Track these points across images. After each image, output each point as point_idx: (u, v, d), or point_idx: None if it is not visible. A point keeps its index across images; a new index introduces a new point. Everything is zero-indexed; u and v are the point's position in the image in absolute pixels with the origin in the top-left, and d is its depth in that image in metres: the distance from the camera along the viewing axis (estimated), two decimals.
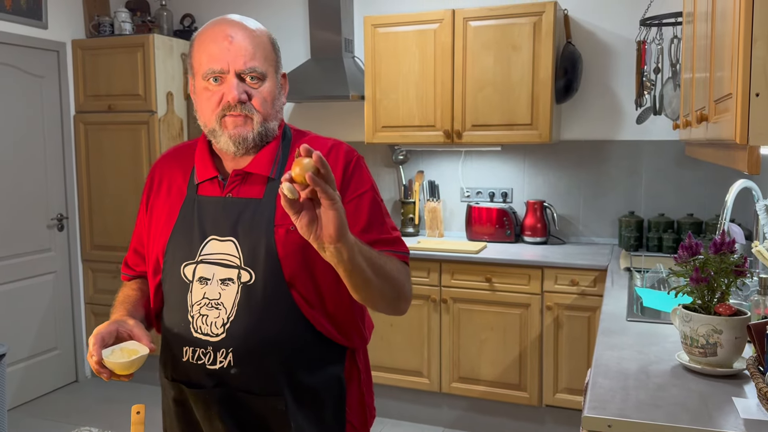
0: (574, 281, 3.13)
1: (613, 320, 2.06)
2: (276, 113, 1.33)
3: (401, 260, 1.31)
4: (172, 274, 1.33)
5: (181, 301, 1.32)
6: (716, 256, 1.57)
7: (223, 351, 1.26)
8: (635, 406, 1.41)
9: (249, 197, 1.30)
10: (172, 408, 1.38)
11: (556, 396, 3.21)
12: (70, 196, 4.12)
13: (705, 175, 3.39)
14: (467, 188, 3.87)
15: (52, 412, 3.75)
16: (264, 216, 1.28)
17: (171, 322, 1.35)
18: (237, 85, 1.26)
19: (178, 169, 1.41)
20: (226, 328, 1.26)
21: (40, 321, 3.96)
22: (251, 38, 1.28)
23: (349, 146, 1.38)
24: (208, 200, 1.33)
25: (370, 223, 1.30)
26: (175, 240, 1.34)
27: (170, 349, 1.35)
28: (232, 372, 1.26)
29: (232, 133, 1.28)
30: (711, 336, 1.54)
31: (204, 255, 1.30)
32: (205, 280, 1.29)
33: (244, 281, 1.26)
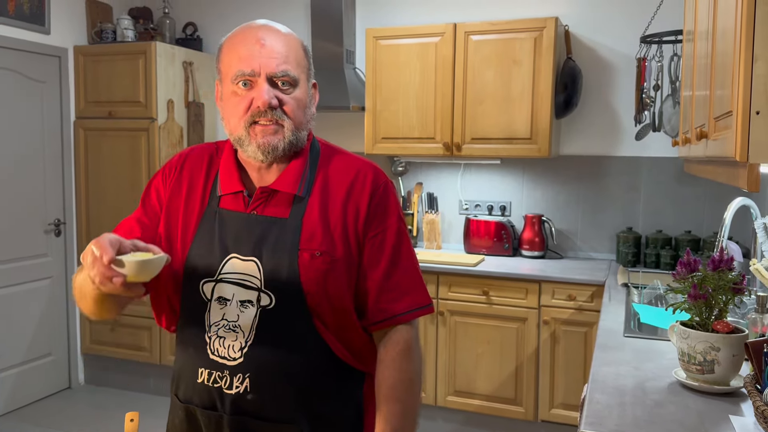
0: (572, 296, 3.12)
1: (610, 336, 2.06)
2: (307, 122, 1.27)
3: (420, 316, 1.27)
4: (192, 289, 1.27)
5: (198, 320, 1.26)
6: (714, 273, 1.57)
7: (240, 376, 1.22)
8: (632, 422, 1.40)
9: (274, 216, 1.24)
10: (179, 428, 1.32)
11: (552, 411, 3.20)
12: (68, 202, 4.11)
13: (703, 192, 3.40)
14: (466, 201, 3.87)
15: (45, 419, 3.72)
16: (288, 237, 1.22)
17: (187, 340, 1.30)
18: (268, 89, 1.20)
19: (201, 172, 1.33)
20: (243, 352, 1.22)
21: (35, 326, 3.93)
22: (284, 41, 1.23)
23: (377, 170, 1.31)
24: (230, 215, 1.27)
25: (391, 265, 1.26)
26: (194, 254, 1.27)
27: (185, 367, 1.30)
28: (248, 398, 1.22)
29: (261, 142, 1.21)
30: (708, 353, 1.54)
31: (224, 274, 1.24)
32: (224, 300, 1.24)
33: (264, 305, 1.22)
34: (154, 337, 3.93)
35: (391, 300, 1.25)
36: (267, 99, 1.19)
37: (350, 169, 1.29)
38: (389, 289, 1.25)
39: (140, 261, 1.05)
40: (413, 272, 1.28)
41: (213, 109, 4.32)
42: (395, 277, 1.25)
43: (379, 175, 1.30)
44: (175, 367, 1.34)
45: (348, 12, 3.88)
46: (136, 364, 4.02)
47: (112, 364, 4.11)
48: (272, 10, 4.18)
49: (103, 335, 4.10)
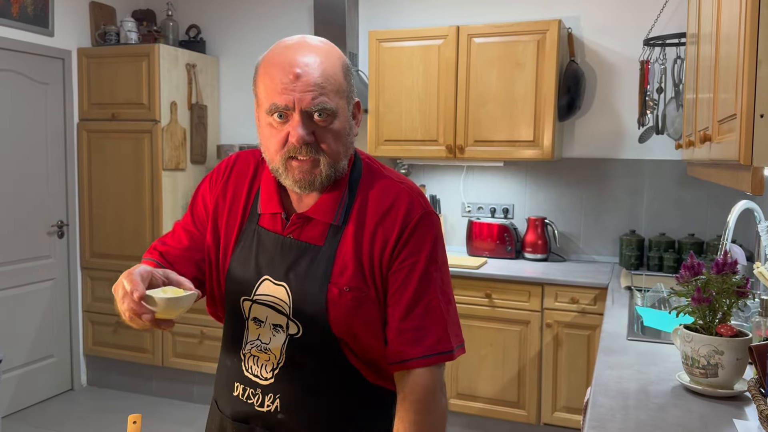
0: (575, 299, 3.12)
1: (613, 339, 2.05)
2: (347, 151, 1.19)
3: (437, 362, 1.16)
4: (233, 304, 1.27)
5: (237, 336, 1.27)
6: (718, 276, 1.56)
7: (271, 396, 1.23)
8: (635, 426, 1.39)
9: (309, 242, 1.21)
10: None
11: (555, 414, 3.19)
12: (71, 203, 4.12)
13: (707, 195, 3.39)
14: (468, 203, 3.87)
15: (47, 421, 3.73)
16: (321, 267, 1.19)
17: (227, 353, 1.31)
18: (302, 125, 1.12)
19: (245, 183, 1.29)
20: (275, 373, 1.23)
21: (38, 328, 3.94)
22: (321, 70, 1.13)
23: (413, 200, 1.21)
24: (268, 235, 1.24)
25: (412, 304, 1.17)
26: (234, 268, 1.26)
27: (224, 378, 1.31)
28: (279, 417, 1.23)
29: (298, 177, 1.16)
30: (712, 357, 1.53)
31: (258, 295, 1.23)
32: (259, 321, 1.24)
33: (291, 333, 1.21)
34: (156, 339, 3.93)
35: (406, 342, 1.17)
36: (302, 136, 1.12)
37: (387, 197, 1.21)
38: (406, 330, 1.17)
39: (171, 299, 1.05)
40: (438, 314, 1.17)
41: (216, 111, 4.32)
42: (415, 319, 1.17)
43: (415, 206, 1.20)
44: (218, 375, 1.35)
45: (351, 14, 3.88)
46: (138, 366, 4.02)
47: (115, 366, 4.11)
48: (275, 12, 4.19)
49: (106, 337, 4.10)
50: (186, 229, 1.33)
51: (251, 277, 1.23)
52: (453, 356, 1.18)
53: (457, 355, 1.19)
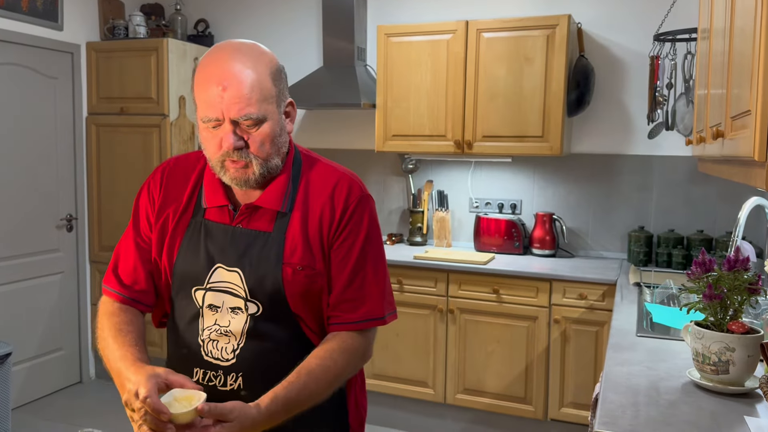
0: (583, 295, 3.11)
1: (622, 336, 2.05)
2: (278, 149, 1.29)
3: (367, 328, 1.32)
4: (184, 296, 1.35)
5: (193, 325, 1.34)
6: (730, 273, 1.55)
7: (233, 375, 1.30)
8: (646, 422, 1.39)
9: (258, 230, 1.31)
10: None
11: (562, 410, 3.19)
12: (80, 197, 4.14)
13: (716, 191, 3.38)
14: (476, 199, 3.86)
15: (56, 413, 3.75)
16: (272, 251, 1.29)
17: (181, 342, 1.37)
18: (232, 134, 1.22)
19: (184, 184, 1.38)
20: (236, 354, 1.30)
21: (46, 321, 3.96)
22: (246, 82, 1.21)
23: (353, 184, 1.36)
24: (216, 227, 1.33)
25: (350, 280, 1.31)
26: (182, 263, 1.33)
27: (180, 367, 1.34)
28: (242, 394, 1.29)
29: (234, 176, 1.27)
30: (723, 354, 1.53)
31: (212, 283, 1.31)
32: (215, 307, 1.31)
33: (251, 312, 1.29)
34: (163, 332, 3.93)
35: (345, 310, 1.31)
36: (231, 144, 1.22)
37: (329, 182, 1.34)
38: (346, 300, 1.30)
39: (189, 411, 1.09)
40: (372, 286, 1.32)
41: None
42: (353, 290, 1.31)
43: (354, 189, 1.34)
44: (169, 364, 1.40)
45: (359, 9, 3.87)
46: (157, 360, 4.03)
47: None
48: (284, 7, 4.18)
49: None
50: (137, 246, 1.41)
51: (202, 267, 1.31)
52: (384, 322, 1.34)
53: (389, 321, 1.35)
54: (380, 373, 3.52)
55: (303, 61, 4.10)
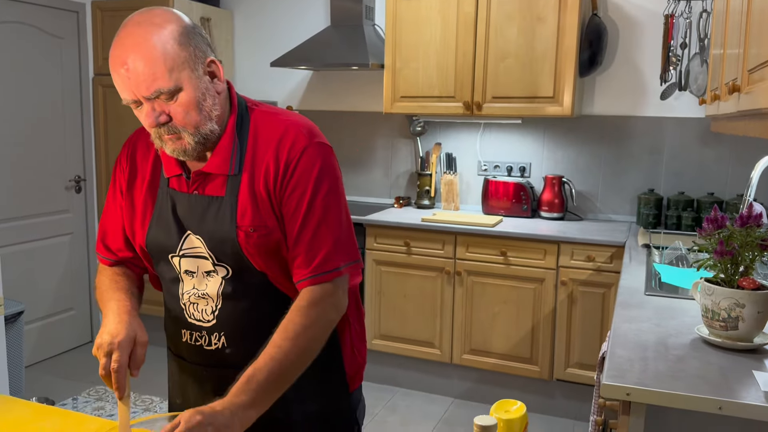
0: (591, 257, 3.11)
1: (630, 294, 2.05)
2: (209, 114, 1.23)
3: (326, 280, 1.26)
4: (163, 263, 1.36)
5: (174, 289, 1.37)
6: (742, 229, 1.54)
7: (216, 334, 1.33)
8: (654, 376, 1.40)
9: (212, 195, 1.29)
10: (175, 377, 1.47)
11: (567, 371, 3.21)
12: (88, 158, 4.14)
13: (728, 153, 3.34)
14: (485, 162, 3.84)
15: (68, 371, 3.82)
16: (227, 215, 1.27)
17: (168, 306, 1.42)
18: (150, 112, 1.19)
19: (146, 156, 1.37)
20: (215, 315, 1.33)
21: (57, 281, 4.00)
22: (147, 57, 1.15)
23: (301, 132, 1.28)
24: (179, 195, 1.32)
25: (300, 234, 1.26)
26: (155, 233, 1.34)
27: (171, 327, 1.43)
28: (227, 352, 1.33)
29: (171, 149, 1.24)
30: (733, 310, 1.52)
31: (185, 249, 1.32)
32: (191, 273, 1.33)
33: (223, 275, 1.30)
34: None
35: (300, 264, 1.27)
36: (152, 122, 1.19)
37: (274, 136, 1.28)
38: (298, 254, 1.27)
39: None
40: (324, 238, 1.26)
41: (230, 66, 4.29)
42: (303, 244, 1.26)
43: (300, 138, 1.27)
44: (165, 325, 1.45)
45: None
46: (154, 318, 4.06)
47: None
48: None
49: None
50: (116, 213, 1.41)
51: (174, 234, 1.32)
52: (341, 273, 1.27)
53: (346, 272, 1.29)
54: (387, 334, 3.55)
55: (309, 21, 4.05)
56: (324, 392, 1.42)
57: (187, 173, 1.31)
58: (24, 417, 1.40)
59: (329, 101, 4.13)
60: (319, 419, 1.42)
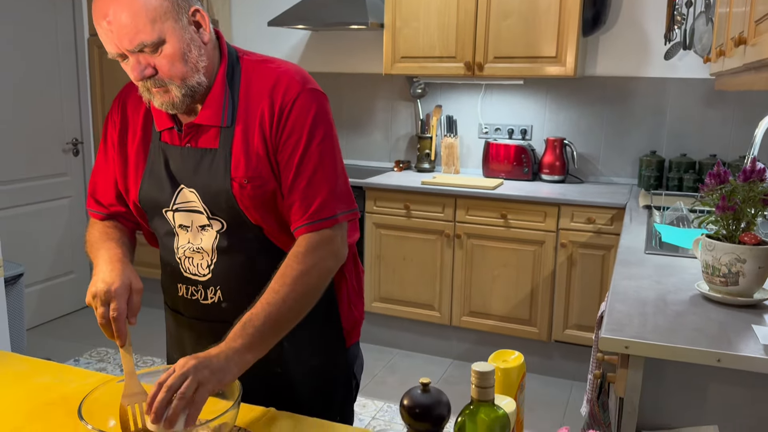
0: (591, 219, 3.10)
1: (630, 253, 2.04)
2: (195, 66, 1.20)
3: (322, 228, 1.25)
4: (158, 217, 1.35)
5: (169, 244, 1.36)
6: (745, 184, 1.52)
7: (212, 289, 1.33)
8: (653, 330, 1.40)
9: (205, 147, 1.27)
10: (172, 332, 1.47)
11: (566, 332, 3.23)
12: (85, 121, 4.10)
13: (732, 114, 3.30)
14: (486, 124, 3.80)
15: (69, 333, 3.84)
16: (220, 167, 1.25)
17: (164, 261, 1.41)
18: (136, 65, 1.16)
19: (141, 109, 1.35)
20: (211, 269, 1.32)
21: (57, 245, 4.00)
22: (128, 9, 1.11)
23: (294, 79, 1.26)
24: (171, 149, 1.30)
25: (296, 181, 1.24)
26: (148, 188, 1.32)
27: (167, 282, 1.42)
28: (223, 306, 1.33)
29: (159, 102, 1.22)
30: (734, 265, 1.51)
31: (178, 203, 1.31)
32: (185, 227, 1.32)
33: (218, 229, 1.29)
34: None
35: (295, 212, 1.26)
36: (137, 75, 1.17)
37: (266, 85, 1.26)
38: (293, 202, 1.26)
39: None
40: (319, 186, 1.25)
41: (227, 26, 4.22)
42: (298, 192, 1.24)
43: (293, 84, 1.25)
44: (162, 279, 1.45)
45: None
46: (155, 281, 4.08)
47: None
48: None
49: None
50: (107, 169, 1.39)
51: (168, 188, 1.30)
52: (338, 220, 1.26)
53: (343, 220, 1.28)
54: (387, 297, 3.56)
55: None
56: (321, 346, 1.42)
57: (178, 126, 1.29)
58: (23, 371, 1.41)
59: (328, 62, 4.07)
60: (317, 373, 1.42)
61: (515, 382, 1.08)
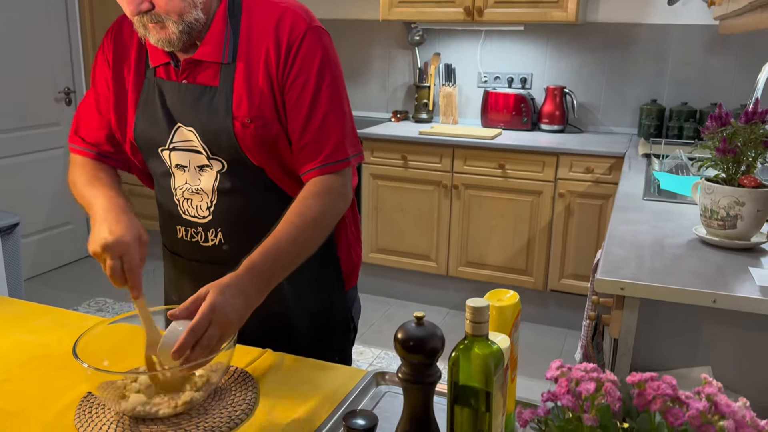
0: (589, 169, 3.07)
1: (629, 199, 2.03)
2: (193, 1, 1.16)
3: (335, 170, 1.23)
4: (154, 157, 1.31)
5: (166, 185, 1.33)
6: (746, 126, 1.50)
7: (212, 231, 1.30)
8: (650, 272, 1.39)
9: (204, 84, 1.23)
10: (171, 275, 1.45)
11: (562, 281, 3.25)
12: (77, 70, 4.02)
13: (734, 61, 3.25)
14: (485, 73, 3.74)
15: (67, 284, 3.86)
16: (221, 106, 1.22)
17: (162, 202, 1.37)
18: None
19: (130, 45, 1.30)
20: (211, 211, 1.29)
21: (53, 196, 3.98)
22: None
23: (299, 15, 1.22)
24: (167, 85, 1.26)
25: (307, 122, 1.22)
26: (143, 124, 1.28)
27: (166, 224, 1.39)
28: (224, 248, 1.31)
29: (155, 39, 1.17)
30: (732, 208, 1.50)
31: (175, 142, 1.27)
32: (182, 167, 1.28)
33: (218, 170, 1.26)
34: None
35: (307, 155, 1.23)
36: (133, 9, 1.13)
37: (270, 21, 1.21)
38: (305, 144, 1.23)
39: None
40: (332, 127, 1.23)
41: None
42: (311, 133, 1.22)
43: (299, 21, 1.21)
44: (160, 222, 1.42)
45: None
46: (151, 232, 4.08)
47: None
48: None
49: None
50: (97, 107, 1.35)
51: (163, 126, 1.26)
52: (349, 163, 1.26)
53: (354, 163, 1.27)
54: (384, 248, 3.57)
55: None
56: (320, 288, 1.42)
57: (175, 62, 1.25)
58: (20, 314, 1.41)
59: (322, 8, 3.97)
60: (316, 315, 1.42)
61: (510, 321, 1.08)
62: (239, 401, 1.06)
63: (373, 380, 1.12)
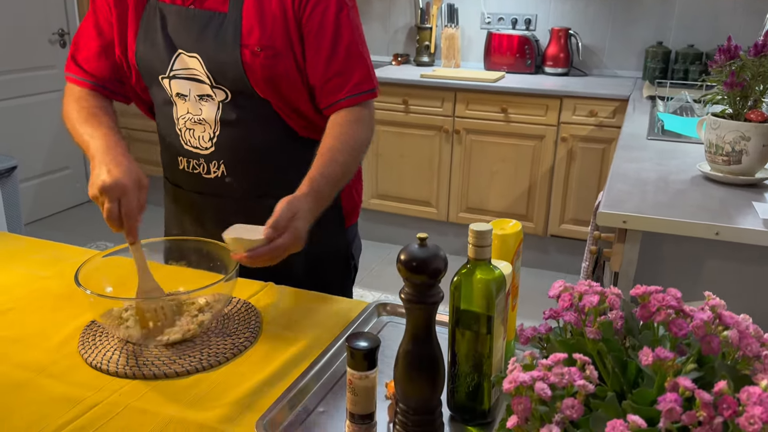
0: (593, 112, 3.03)
1: (633, 139, 2.00)
2: None
3: (364, 100, 1.23)
4: (154, 84, 1.27)
5: (167, 114, 1.29)
6: (756, 59, 1.47)
7: (214, 162, 1.27)
8: (653, 206, 1.38)
9: (213, 10, 1.18)
10: (171, 207, 1.43)
11: (562, 227, 3.25)
12: (71, 11, 3.93)
13: (743, 2, 3.17)
14: (489, 14, 3.65)
15: (68, 228, 3.86)
16: (229, 33, 1.17)
17: (163, 132, 1.34)
18: None
19: None
20: (213, 142, 1.26)
21: (50, 140, 3.94)
22: None
23: None
24: (170, 10, 1.21)
25: (334, 51, 1.19)
26: (142, 51, 1.24)
27: (167, 155, 1.36)
28: (226, 180, 1.28)
29: None
30: (738, 143, 1.48)
31: (176, 70, 1.22)
32: (183, 96, 1.24)
33: (221, 99, 1.23)
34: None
35: (334, 87, 1.21)
36: None
37: None
38: (332, 76, 1.21)
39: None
40: (358, 56, 1.22)
41: None
42: (337, 64, 1.20)
43: None
44: (161, 154, 1.38)
45: None
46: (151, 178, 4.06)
47: None
48: None
49: None
50: (97, 28, 1.30)
51: (164, 54, 1.22)
52: (375, 94, 1.25)
53: (378, 94, 1.26)
54: (384, 194, 3.55)
55: None
56: (322, 223, 1.41)
57: None
58: (19, 249, 1.40)
59: None
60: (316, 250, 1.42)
61: (512, 249, 1.07)
62: (242, 329, 1.07)
63: (374, 311, 1.12)
